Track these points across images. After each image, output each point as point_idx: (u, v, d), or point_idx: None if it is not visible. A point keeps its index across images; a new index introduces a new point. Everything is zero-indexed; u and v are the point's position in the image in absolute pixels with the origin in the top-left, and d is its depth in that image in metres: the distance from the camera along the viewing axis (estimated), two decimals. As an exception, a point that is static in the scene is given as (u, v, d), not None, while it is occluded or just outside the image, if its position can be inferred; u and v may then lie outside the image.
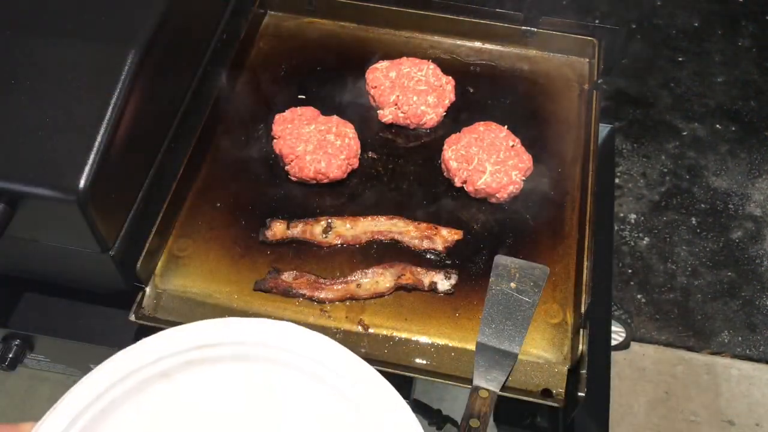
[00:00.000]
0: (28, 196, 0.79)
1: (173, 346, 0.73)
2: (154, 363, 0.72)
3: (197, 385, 0.74)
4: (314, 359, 0.73)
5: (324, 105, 1.11)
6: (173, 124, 1.00)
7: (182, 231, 1.00)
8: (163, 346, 0.73)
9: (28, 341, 1.00)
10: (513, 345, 0.87)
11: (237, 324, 0.75)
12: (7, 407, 1.83)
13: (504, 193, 1.01)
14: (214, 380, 0.75)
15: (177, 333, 0.75)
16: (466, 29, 1.21)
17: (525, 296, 0.92)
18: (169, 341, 0.74)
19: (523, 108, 1.14)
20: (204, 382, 0.74)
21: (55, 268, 0.94)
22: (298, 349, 0.74)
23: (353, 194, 1.04)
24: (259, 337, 0.75)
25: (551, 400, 0.86)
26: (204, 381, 0.74)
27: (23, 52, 0.86)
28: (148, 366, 0.72)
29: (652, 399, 1.93)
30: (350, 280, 0.95)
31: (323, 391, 0.73)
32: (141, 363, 0.72)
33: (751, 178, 2.36)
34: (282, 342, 0.74)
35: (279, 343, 0.74)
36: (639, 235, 2.24)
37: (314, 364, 0.73)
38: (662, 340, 2.05)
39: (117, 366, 0.72)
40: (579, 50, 1.19)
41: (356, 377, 0.72)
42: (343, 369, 0.73)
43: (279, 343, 0.74)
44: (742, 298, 2.12)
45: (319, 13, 1.24)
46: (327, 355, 0.74)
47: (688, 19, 2.77)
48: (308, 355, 0.74)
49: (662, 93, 2.56)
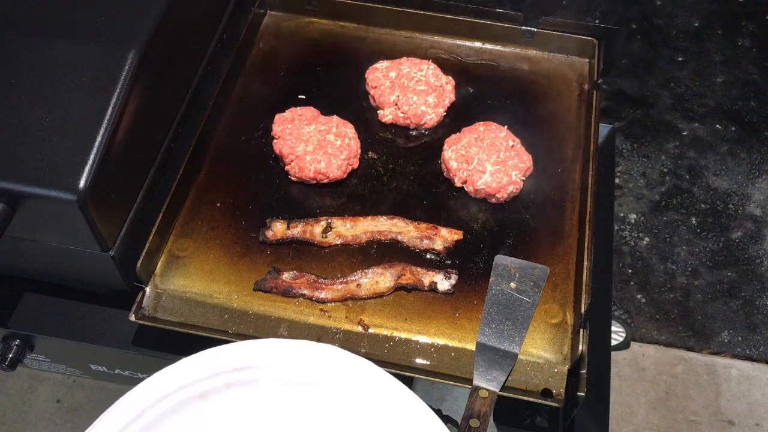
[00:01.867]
0: (28, 196, 0.79)
1: (212, 368, 0.73)
2: (192, 384, 0.72)
3: (234, 407, 0.74)
4: (354, 383, 0.72)
5: (324, 105, 1.11)
6: (173, 124, 1.00)
7: (182, 231, 1.00)
8: (203, 367, 0.73)
9: (28, 341, 1.00)
10: (513, 345, 0.87)
11: (277, 345, 0.75)
12: (7, 407, 1.83)
13: (504, 193, 1.01)
14: (252, 402, 0.74)
15: (216, 354, 0.74)
16: (466, 29, 1.21)
17: (525, 296, 0.92)
18: (208, 362, 0.73)
19: (523, 108, 1.14)
20: (241, 404, 0.74)
21: (55, 268, 0.94)
22: (338, 373, 0.73)
23: (353, 194, 1.04)
24: (299, 360, 0.74)
25: (551, 400, 0.86)
26: (241, 403, 0.74)
27: (23, 52, 0.86)
28: (187, 387, 0.72)
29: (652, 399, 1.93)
30: (350, 280, 0.95)
31: (362, 416, 0.72)
32: (180, 384, 0.72)
33: (751, 178, 2.36)
34: (321, 365, 0.73)
35: (318, 366, 0.73)
36: (639, 235, 2.24)
37: (354, 389, 0.72)
38: (662, 340, 2.05)
39: (156, 386, 0.72)
40: (579, 50, 1.19)
41: (398, 404, 0.71)
42: (384, 395, 0.72)
43: (318, 366, 0.73)
44: (742, 298, 2.12)
45: (319, 13, 1.24)
46: (367, 380, 0.73)
47: (688, 19, 2.77)
48: (348, 379, 0.73)
49: (662, 93, 2.56)
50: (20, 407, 1.83)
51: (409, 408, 0.71)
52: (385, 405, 0.71)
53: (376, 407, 0.72)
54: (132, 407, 0.70)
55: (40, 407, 1.83)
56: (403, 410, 0.71)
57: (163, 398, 0.71)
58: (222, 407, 0.73)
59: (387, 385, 0.72)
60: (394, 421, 0.71)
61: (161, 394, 0.71)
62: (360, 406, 0.72)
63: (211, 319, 0.92)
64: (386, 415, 0.71)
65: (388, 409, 0.71)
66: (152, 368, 0.77)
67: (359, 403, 0.72)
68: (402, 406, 0.71)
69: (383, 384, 0.73)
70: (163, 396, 0.71)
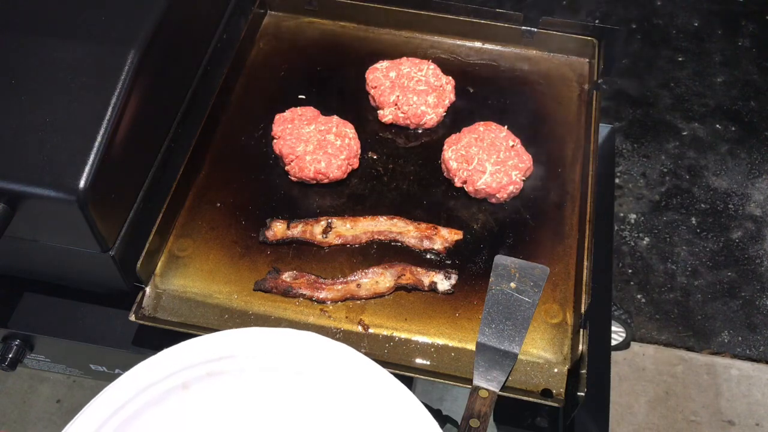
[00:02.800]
0: (28, 196, 0.79)
1: (194, 358, 0.73)
2: (174, 375, 0.72)
3: (217, 396, 0.74)
4: (336, 370, 0.72)
5: (324, 105, 1.11)
6: (173, 124, 1.00)
7: (182, 231, 1.00)
8: (184, 357, 0.73)
9: (28, 341, 1.00)
10: (513, 345, 0.87)
11: (258, 334, 0.74)
12: (7, 407, 1.83)
13: (504, 193, 1.01)
14: (234, 392, 0.74)
15: (197, 344, 0.74)
16: (466, 29, 1.21)
17: (525, 296, 0.92)
18: (190, 352, 0.73)
19: (523, 108, 1.14)
20: (224, 394, 0.74)
21: (55, 268, 0.94)
22: (321, 360, 0.73)
23: (353, 194, 1.04)
24: (280, 348, 0.74)
25: (551, 400, 0.86)
26: (224, 392, 0.74)
27: (23, 52, 0.86)
28: (169, 377, 0.72)
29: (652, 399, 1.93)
30: (350, 280, 0.95)
31: (345, 403, 0.72)
32: (161, 375, 0.72)
33: (751, 178, 2.36)
34: (303, 353, 0.73)
35: (300, 353, 0.73)
36: (639, 235, 2.24)
37: (336, 375, 0.72)
38: (662, 340, 2.05)
39: (137, 377, 0.71)
40: (579, 50, 1.19)
41: (380, 389, 0.71)
42: (367, 380, 0.72)
43: (300, 353, 0.73)
44: (742, 298, 2.12)
45: (319, 13, 1.24)
46: (350, 366, 0.73)
47: (688, 19, 2.77)
48: (331, 366, 0.73)
49: (662, 93, 2.56)
50: (20, 407, 1.83)
51: (392, 393, 0.71)
52: (370, 390, 0.71)
53: (359, 393, 0.72)
54: (114, 399, 0.70)
55: (40, 407, 1.83)
56: (386, 393, 0.71)
57: (144, 389, 0.71)
58: (204, 397, 0.73)
59: (371, 371, 0.72)
60: (378, 405, 0.71)
61: (143, 385, 0.71)
62: (344, 393, 0.72)
63: (211, 319, 0.92)
64: (371, 400, 0.71)
65: (372, 395, 0.71)
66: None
67: (343, 389, 0.72)
68: (385, 390, 0.71)
69: (368, 370, 0.73)
70: (144, 387, 0.71)
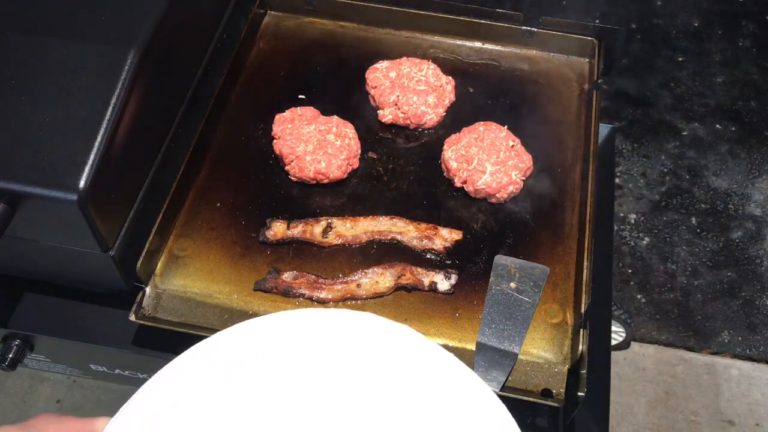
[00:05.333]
0: (28, 196, 0.79)
1: (245, 343, 0.71)
2: (226, 354, 0.70)
3: (265, 381, 0.72)
4: (393, 350, 0.70)
5: (324, 105, 1.11)
6: (173, 124, 1.00)
7: (182, 231, 1.00)
8: (231, 342, 0.71)
9: (28, 341, 1.00)
10: (513, 345, 0.87)
11: (317, 316, 0.72)
12: (7, 407, 1.83)
13: (504, 193, 1.01)
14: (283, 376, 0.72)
15: (251, 326, 0.71)
16: (466, 29, 1.21)
17: (525, 296, 0.92)
18: (242, 336, 0.71)
19: (523, 108, 1.14)
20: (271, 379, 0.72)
21: (55, 268, 0.94)
22: (378, 342, 0.70)
23: (353, 194, 1.04)
24: (336, 331, 0.71)
25: (551, 400, 0.86)
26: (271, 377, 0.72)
27: (23, 52, 0.86)
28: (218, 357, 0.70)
29: (652, 399, 1.93)
30: (350, 280, 0.95)
31: (400, 383, 0.70)
32: (214, 357, 0.71)
33: (751, 178, 2.36)
34: (360, 334, 0.71)
35: (354, 335, 0.70)
36: (639, 235, 2.24)
37: (395, 355, 0.70)
38: (662, 340, 2.05)
39: (187, 359, 0.70)
40: (579, 50, 1.19)
41: (438, 365, 0.69)
42: (426, 359, 0.70)
43: (354, 335, 0.70)
44: (742, 298, 2.12)
45: (319, 13, 1.25)
46: (407, 345, 0.70)
47: (688, 19, 2.77)
48: (388, 346, 0.70)
49: (662, 93, 2.56)
50: (20, 407, 1.83)
51: (450, 368, 0.70)
52: (429, 368, 0.70)
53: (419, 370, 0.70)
54: (165, 381, 0.69)
55: (40, 407, 1.83)
56: (443, 369, 0.70)
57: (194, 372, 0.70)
58: (256, 381, 0.71)
59: (429, 350, 0.71)
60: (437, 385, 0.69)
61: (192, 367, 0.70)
62: (402, 371, 0.71)
63: (211, 319, 0.92)
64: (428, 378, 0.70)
65: (432, 373, 0.70)
66: (152, 368, 0.77)
67: (402, 367, 0.71)
68: (441, 366, 0.70)
69: (426, 349, 0.71)
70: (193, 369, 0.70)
